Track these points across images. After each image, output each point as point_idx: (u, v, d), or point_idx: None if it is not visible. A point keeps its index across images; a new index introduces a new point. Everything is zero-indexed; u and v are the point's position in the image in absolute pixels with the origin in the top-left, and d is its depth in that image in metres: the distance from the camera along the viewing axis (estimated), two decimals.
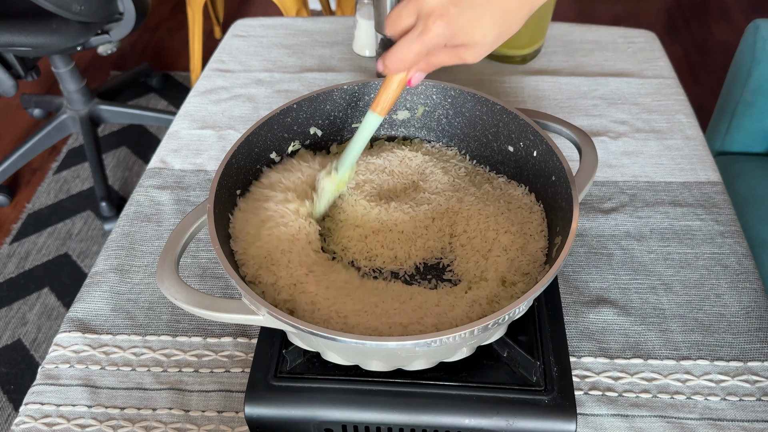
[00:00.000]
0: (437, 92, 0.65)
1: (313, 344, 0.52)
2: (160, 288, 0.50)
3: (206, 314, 0.49)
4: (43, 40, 1.39)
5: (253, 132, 0.60)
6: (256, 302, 0.47)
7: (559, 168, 0.56)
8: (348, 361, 0.53)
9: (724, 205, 0.76)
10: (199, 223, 0.54)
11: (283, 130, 0.63)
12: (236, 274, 0.49)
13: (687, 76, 2.09)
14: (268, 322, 0.48)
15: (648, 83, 0.93)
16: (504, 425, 0.51)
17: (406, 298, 0.53)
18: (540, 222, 0.59)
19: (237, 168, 0.59)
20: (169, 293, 0.49)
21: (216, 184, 0.55)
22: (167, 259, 0.51)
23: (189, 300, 0.49)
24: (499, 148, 0.64)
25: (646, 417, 0.58)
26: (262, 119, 0.61)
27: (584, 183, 0.57)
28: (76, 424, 0.59)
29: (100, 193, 1.67)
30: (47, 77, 2.11)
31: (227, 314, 0.49)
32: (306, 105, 0.63)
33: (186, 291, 0.49)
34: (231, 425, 0.59)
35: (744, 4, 2.41)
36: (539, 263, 0.56)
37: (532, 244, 0.57)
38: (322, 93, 0.63)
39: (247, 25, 1.08)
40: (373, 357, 0.51)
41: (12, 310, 1.50)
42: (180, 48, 2.30)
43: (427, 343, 0.44)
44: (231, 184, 0.58)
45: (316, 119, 0.65)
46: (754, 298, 0.67)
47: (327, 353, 0.53)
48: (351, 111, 0.66)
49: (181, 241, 0.53)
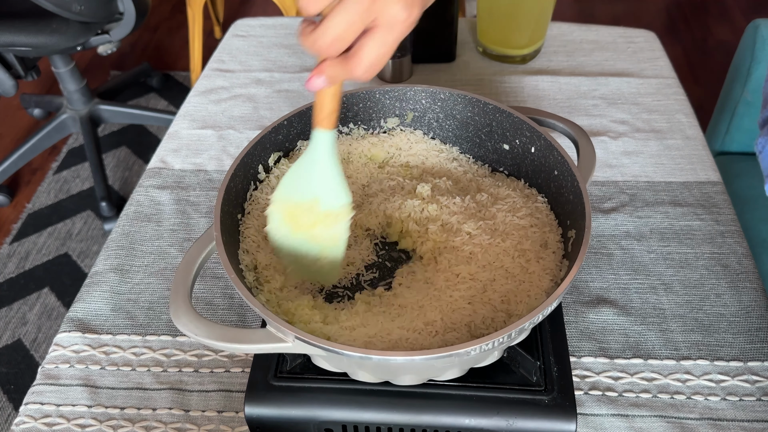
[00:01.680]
0: (426, 96, 0.64)
1: (344, 366, 0.51)
2: (177, 324, 0.47)
3: (231, 347, 0.46)
4: (43, 40, 1.39)
5: (247, 153, 0.57)
6: (283, 329, 0.45)
7: (561, 161, 0.56)
8: (378, 379, 0.51)
9: (724, 205, 0.76)
10: (206, 252, 0.52)
11: (274, 147, 0.61)
12: (259, 303, 0.46)
13: (687, 76, 2.09)
14: (298, 348, 0.46)
15: (648, 83, 0.93)
16: (504, 425, 0.51)
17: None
18: (548, 213, 0.59)
19: (236, 192, 0.57)
20: (187, 329, 0.46)
21: (219, 211, 0.52)
22: (179, 294, 0.48)
23: (210, 335, 0.46)
24: (494, 147, 0.64)
25: (646, 417, 0.58)
26: (254, 140, 0.58)
27: (587, 174, 0.57)
28: (76, 424, 0.59)
29: (100, 193, 1.67)
30: (47, 77, 2.11)
31: (253, 345, 0.46)
32: (296, 120, 0.61)
33: (205, 325, 0.46)
34: (231, 425, 0.59)
35: (744, 4, 2.41)
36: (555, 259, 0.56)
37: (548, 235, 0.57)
38: (311, 107, 0.62)
39: (247, 25, 1.08)
40: (407, 372, 0.50)
41: (12, 310, 1.50)
42: (180, 48, 2.30)
43: (466, 352, 0.43)
44: (232, 210, 0.56)
45: (307, 134, 0.63)
46: (754, 298, 0.67)
47: (357, 373, 0.51)
48: (342, 121, 0.65)
49: (191, 273, 0.50)
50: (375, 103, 0.65)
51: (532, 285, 0.53)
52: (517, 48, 0.96)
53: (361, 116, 0.65)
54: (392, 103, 0.65)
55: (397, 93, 0.64)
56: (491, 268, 0.54)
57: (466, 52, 1.01)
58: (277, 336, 0.46)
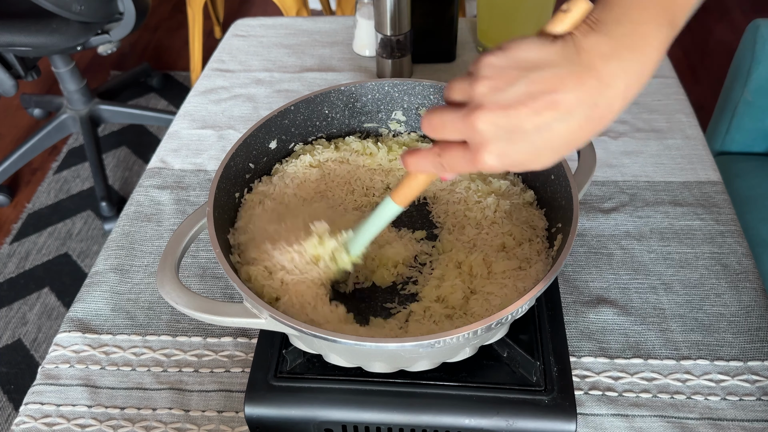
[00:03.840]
0: (434, 92, 0.65)
1: (316, 347, 0.52)
2: (161, 292, 0.50)
3: (207, 318, 0.49)
4: (43, 40, 1.39)
5: (252, 134, 0.60)
6: (258, 305, 0.47)
7: (558, 166, 0.56)
8: (351, 363, 0.53)
9: (724, 205, 0.76)
10: (198, 226, 0.54)
11: (281, 131, 0.63)
12: (237, 277, 0.49)
13: (687, 76, 2.09)
14: (270, 325, 0.48)
15: (648, 83, 0.93)
16: (504, 425, 0.51)
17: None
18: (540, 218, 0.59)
19: (236, 171, 0.59)
20: (170, 297, 0.49)
21: (215, 186, 0.54)
22: (167, 263, 0.51)
23: (190, 304, 0.49)
24: None
25: (646, 417, 0.58)
26: (260, 121, 0.61)
27: (584, 181, 0.57)
28: (76, 424, 0.59)
29: (100, 193, 1.67)
30: (47, 77, 2.11)
31: (228, 318, 0.48)
32: (303, 107, 0.63)
33: (187, 295, 0.49)
34: (231, 425, 0.59)
35: (744, 4, 2.41)
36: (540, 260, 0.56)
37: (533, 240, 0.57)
38: (320, 95, 0.63)
39: (247, 25, 1.08)
40: (375, 359, 0.51)
41: (12, 310, 1.50)
42: (180, 48, 2.30)
43: (430, 344, 0.44)
44: (229, 187, 0.58)
45: (314, 120, 0.65)
46: (754, 298, 0.67)
47: (330, 356, 0.53)
48: (348, 112, 0.66)
49: (181, 244, 0.53)
50: (384, 95, 0.66)
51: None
52: None
53: (369, 107, 0.67)
54: (400, 97, 0.66)
55: (406, 87, 0.65)
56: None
57: (466, 52, 1.01)
58: (252, 312, 0.48)
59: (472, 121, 0.37)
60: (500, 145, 0.37)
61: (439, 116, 0.40)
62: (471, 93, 0.38)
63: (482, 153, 0.38)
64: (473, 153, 0.39)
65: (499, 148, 0.37)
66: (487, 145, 0.38)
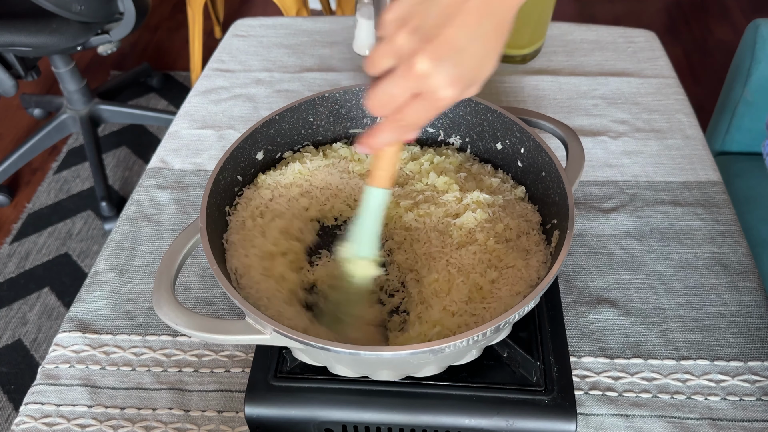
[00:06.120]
0: None
1: (321, 359, 0.51)
2: (158, 314, 0.48)
3: (210, 338, 0.47)
4: (43, 40, 1.39)
5: (238, 146, 0.58)
6: (261, 321, 0.45)
7: (548, 163, 0.56)
8: (357, 374, 0.52)
9: (724, 205, 0.76)
10: (191, 243, 0.52)
11: (267, 142, 0.62)
12: (239, 295, 0.47)
13: (687, 76, 2.09)
14: (276, 340, 0.46)
15: (648, 83, 0.93)
16: (504, 425, 0.51)
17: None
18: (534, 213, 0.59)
19: (224, 184, 0.57)
20: (168, 319, 0.47)
21: (206, 202, 0.53)
22: (162, 284, 0.49)
23: (190, 324, 0.47)
24: (485, 147, 0.64)
25: (647, 417, 0.58)
26: (246, 133, 0.59)
27: (574, 176, 0.57)
28: (76, 424, 0.59)
29: (100, 193, 1.67)
30: (47, 77, 2.11)
31: (231, 336, 0.47)
32: (288, 116, 0.62)
33: (186, 315, 0.47)
34: (231, 425, 0.59)
35: (744, 4, 2.41)
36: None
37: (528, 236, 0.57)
38: (304, 102, 0.62)
39: (247, 25, 1.08)
40: (384, 367, 0.50)
41: (12, 310, 1.50)
42: (180, 48, 2.30)
43: (440, 348, 0.43)
44: (219, 201, 0.57)
45: (299, 129, 0.64)
46: (754, 298, 0.67)
47: (336, 367, 0.52)
48: (334, 118, 0.65)
49: (175, 263, 0.51)
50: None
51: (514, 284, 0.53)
52: (517, 48, 0.96)
53: (354, 113, 0.66)
54: None
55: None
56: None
57: None
58: (256, 328, 0.47)
59: (415, 71, 0.38)
60: (449, 72, 0.38)
61: (382, 90, 0.40)
62: (395, 50, 0.39)
63: (438, 90, 0.39)
64: (429, 95, 0.39)
65: (450, 75, 0.38)
66: (438, 79, 0.38)
